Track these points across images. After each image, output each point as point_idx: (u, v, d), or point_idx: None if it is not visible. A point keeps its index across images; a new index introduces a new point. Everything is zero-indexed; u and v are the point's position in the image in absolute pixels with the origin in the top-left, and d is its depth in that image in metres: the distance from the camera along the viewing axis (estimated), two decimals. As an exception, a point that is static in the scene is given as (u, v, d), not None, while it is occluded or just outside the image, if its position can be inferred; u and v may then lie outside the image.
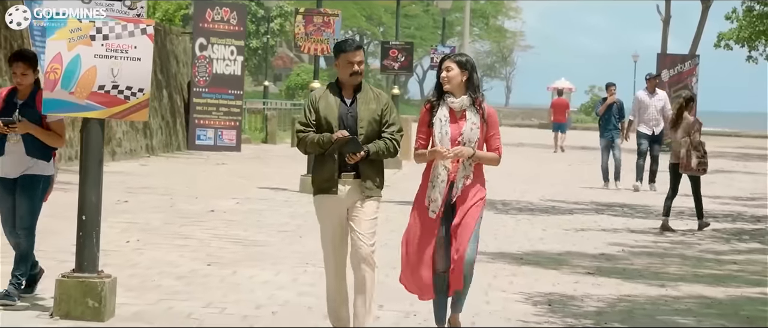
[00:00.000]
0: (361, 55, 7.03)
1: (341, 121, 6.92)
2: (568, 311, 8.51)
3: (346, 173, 6.94)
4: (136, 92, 7.67)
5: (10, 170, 7.82)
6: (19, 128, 7.69)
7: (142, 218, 12.99)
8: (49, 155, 7.92)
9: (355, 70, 6.96)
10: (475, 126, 6.97)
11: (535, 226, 13.87)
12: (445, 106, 7.02)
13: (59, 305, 7.51)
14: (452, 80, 7.02)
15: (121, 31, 7.64)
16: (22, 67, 7.81)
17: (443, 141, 6.96)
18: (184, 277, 9.35)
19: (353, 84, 7.00)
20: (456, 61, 7.05)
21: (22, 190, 7.81)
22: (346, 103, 6.99)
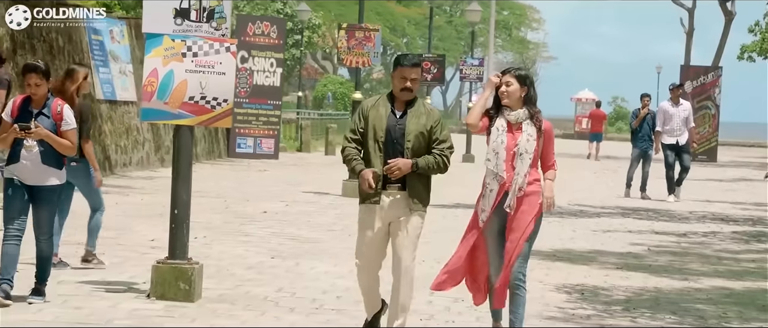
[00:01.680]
0: (418, 72, 7.08)
1: (389, 132, 7.00)
2: (599, 300, 9.52)
3: (391, 185, 7.00)
4: (221, 102, 8.75)
5: (26, 177, 8.04)
6: (35, 134, 7.92)
7: (203, 218, 14.06)
8: (61, 163, 8.16)
9: (407, 86, 7.03)
10: (532, 138, 7.09)
11: (564, 227, 14.88)
12: (503, 117, 7.16)
13: (155, 287, 8.57)
14: (511, 95, 7.16)
15: (208, 49, 8.71)
16: (35, 78, 8.02)
17: (499, 150, 7.11)
18: (253, 267, 10.42)
19: (404, 99, 7.07)
20: (516, 76, 7.18)
21: (42, 202, 8.09)
22: (395, 115, 7.06)
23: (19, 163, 7.99)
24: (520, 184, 7.08)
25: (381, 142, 6.98)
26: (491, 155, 7.15)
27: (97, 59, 19.94)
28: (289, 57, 54.76)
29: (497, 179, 7.10)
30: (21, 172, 8.01)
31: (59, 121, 8.04)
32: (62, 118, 8.07)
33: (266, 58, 27.27)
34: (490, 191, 7.11)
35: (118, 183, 18.42)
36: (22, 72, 8.17)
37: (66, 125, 8.08)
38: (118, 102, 20.84)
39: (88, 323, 7.59)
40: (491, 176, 7.12)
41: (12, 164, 8.02)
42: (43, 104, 8.06)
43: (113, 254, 10.70)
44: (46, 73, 8.07)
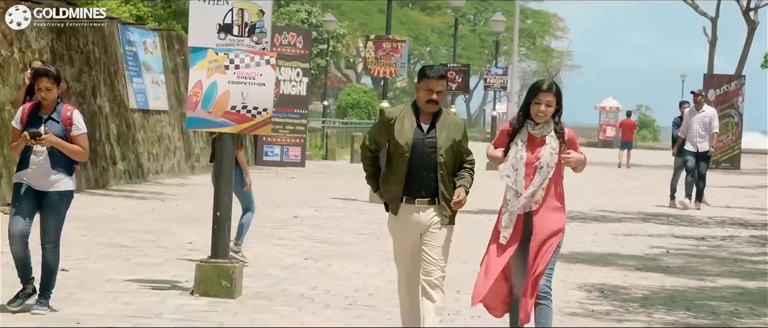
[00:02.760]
0: (444, 85, 6.95)
1: (416, 147, 6.88)
2: (618, 297, 10.01)
3: (420, 199, 6.93)
4: (261, 111, 9.29)
5: (36, 183, 7.92)
6: (45, 141, 7.77)
7: (236, 222, 14.61)
8: (72, 170, 8.03)
9: (433, 98, 6.90)
10: (554, 151, 6.94)
11: (586, 231, 15.35)
12: (526, 131, 7.00)
13: (198, 285, 9.11)
14: (548, 115, 6.98)
15: (250, 62, 9.26)
16: (46, 82, 7.88)
17: (518, 166, 6.94)
18: (287, 268, 10.96)
19: (430, 111, 6.95)
20: (555, 94, 6.99)
21: (50, 207, 7.96)
22: (422, 129, 6.93)
23: (29, 169, 7.88)
24: (538, 198, 6.92)
25: (407, 157, 6.87)
26: (510, 172, 7.00)
27: (131, 70, 20.57)
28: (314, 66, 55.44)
29: (517, 195, 6.95)
30: (30, 177, 7.90)
31: (69, 126, 7.92)
32: (72, 123, 7.95)
33: (293, 68, 27.86)
34: (513, 208, 6.97)
35: (152, 189, 19.02)
36: (33, 77, 8.12)
37: (76, 130, 7.96)
38: (151, 111, 21.47)
39: (139, 316, 8.12)
40: (511, 193, 6.97)
41: (22, 170, 7.92)
42: (53, 109, 7.93)
43: (155, 255, 11.26)
44: (57, 78, 7.95)
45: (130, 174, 19.87)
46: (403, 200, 6.93)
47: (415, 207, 6.92)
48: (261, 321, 8.23)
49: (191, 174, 22.99)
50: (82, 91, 18.08)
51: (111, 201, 16.58)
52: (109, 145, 18.98)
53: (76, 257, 10.73)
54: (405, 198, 6.93)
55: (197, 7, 9.34)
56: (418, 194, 6.91)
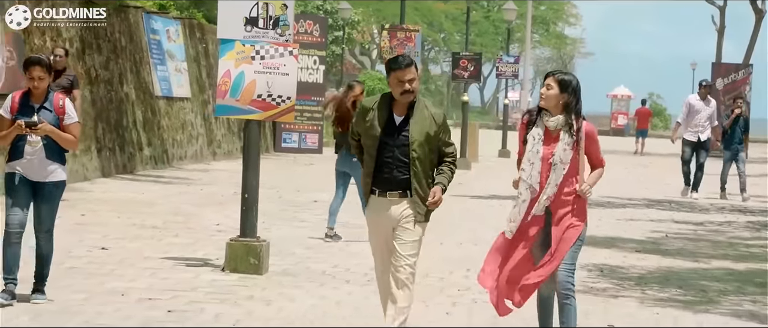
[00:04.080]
0: (413, 72, 6.74)
1: (386, 141, 6.73)
2: (616, 276, 10.77)
3: (391, 192, 6.78)
4: (285, 100, 10.06)
5: (31, 173, 7.82)
6: (41, 131, 7.69)
7: (260, 206, 15.40)
8: (64, 159, 7.97)
9: (407, 88, 6.71)
10: (568, 148, 6.77)
11: (591, 216, 15.92)
12: (541, 124, 6.86)
13: (229, 262, 9.90)
14: (549, 100, 6.82)
15: (274, 53, 10.03)
16: (39, 71, 7.76)
17: (534, 160, 6.79)
18: (310, 247, 11.75)
19: (406, 101, 6.76)
20: (558, 81, 6.84)
21: (45, 197, 7.87)
22: (394, 122, 6.76)
23: (23, 159, 7.78)
24: (550, 194, 6.78)
25: (376, 150, 6.75)
26: (526, 165, 6.85)
27: (155, 58, 21.38)
28: (329, 54, 56.16)
29: (530, 189, 6.81)
30: (25, 168, 7.80)
31: (62, 115, 7.84)
32: (65, 112, 7.87)
33: (309, 56, 28.62)
34: (523, 201, 6.84)
35: (177, 175, 19.86)
36: (24, 66, 7.94)
37: (69, 119, 7.88)
38: (174, 98, 22.28)
39: (176, 289, 8.91)
40: (524, 186, 6.83)
41: (15, 160, 7.82)
42: (45, 98, 7.85)
43: (185, 236, 12.06)
44: (49, 67, 7.85)
45: (156, 160, 20.71)
46: (376, 193, 6.81)
47: (387, 200, 6.78)
48: (287, 295, 9.00)
49: (213, 160, 23.85)
50: (110, 79, 18.89)
51: (139, 185, 17.42)
52: (135, 131, 19.81)
53: (113, 237, 11.54)
54: (378, 191, 6.80)
55: (226, 1, 10.08)
56: (389, 187, 6.76)
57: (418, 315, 8.31)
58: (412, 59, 6.98)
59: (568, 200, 6.83)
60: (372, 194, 6.84)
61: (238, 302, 8.52)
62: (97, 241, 11.17)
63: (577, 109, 6.83)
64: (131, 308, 8.07)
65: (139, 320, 7.65)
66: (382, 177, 6.78)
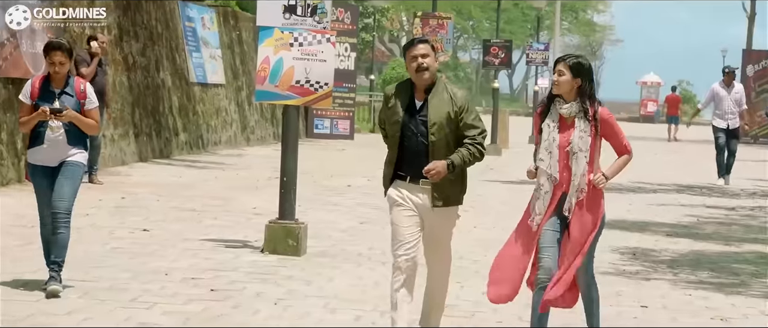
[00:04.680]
0: (426, 48, 6.52)
1: (408, 126, 6.48)
2: (648, 259, 10.93)
3: (424, 181, 6.48)
4: (323, 85, 10.27)
5: (50, 159, 7.73)
6: (65, 117, 7.62)
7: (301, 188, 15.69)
8: (86, 144, 7.87)
9: (421, 63, 6.45)
10: (585, 134, 6.52)
11: (622, 201, 16.25)
12: (555, 111, 6.63)
13: (268, 243, 10.13)
14: (562, 85, 6.58)
15: (312, 40, 10.23)
16: (59, 56, 7.65)
17: (551, 148, 6.56)
18: (345, 230, 11.97)
19: (423, 83, 6.50)
20: (570, 66, 6.57)
21: (66, 174, 7.70)
22: (415, 106, 6.52)
23: (44, 145, 7.69)
24: (579, 185, 6.54)
25: (398, 136, 6.49)
26: (544, 155, 6.60)
27: (191, 45, 21.66)
28: (360, 41, 56.35)
29: (551, 179, 6.57)
30: (46, 155, 7.71)
31: (83, 100, 7.77)
32: (86, 96, 7.80)
33: (341, 43, 28.81)
34: (545, 193, 6.59)
35: (212, 160, 20.16)
36: (45, 50, 7.81)
37: (90, 104, 7.81)
38: (209, 85, 22.57)
39: (218, 269, 9.16)
40: (545, 177, 6.59)
41: (36, 146, 7.72)
42: (65, 83, 7.76)
43: (224, 218, 12.31)
44: (69, 52, 7.76)
45: (191, 145, 21.00)
46: (407, 179, 6.53)
47: (415, 186, 6.51)
48: (326, 275, 9.22)
49: (247, 145, 24.13)
50: (147, 66, 19.18)
51: (176, 170, 17.71)
52: (171, 117, 20.10)
53: (154, 219, 11.81)
54: (409, 177, 6.52)
55: (265, -10, 10.30)
56: (415, 173, 6.47)
57: (453, 296, 8.53)
58: (425, 38, 6.88)
59: (588, 190, 6.56)
60: (400, 179, 6.55)
61: (278, 282, 8.75)
62: (138, 223, 11.43)
63: (591, 93, 6.59)
64: (176, 286, 8.32)
65: (184, 298, 7.89)
66: (407, 164, 6.53)
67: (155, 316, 7.28)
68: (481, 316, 7.81)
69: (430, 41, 6.76)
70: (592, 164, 6.58)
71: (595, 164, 6.60)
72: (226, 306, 7.72)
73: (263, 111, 26.53)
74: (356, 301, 8.20)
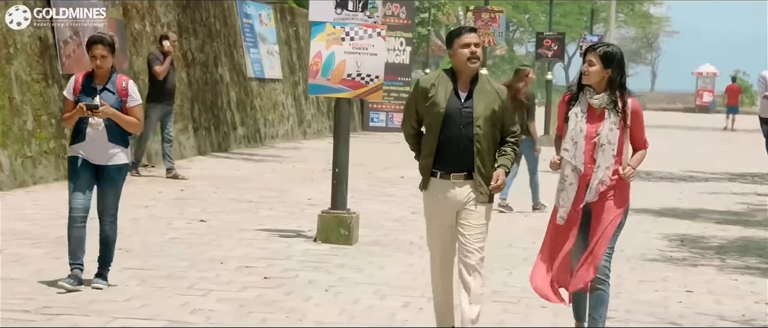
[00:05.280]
0: (477, 37, 6.37)
1: (451, 118, 6.28)
2: (696, 246, 11.06)
3: (456, 174, 6.33)
4: (374, 78, 10.52)
5: (94, 156, 7.66)
6: (102, 113, 7.52)
7: (350, 182, 15.95)
8: (127, 142, 7.79)
9: (474, 52, 6.29)
10: (615, 127, 6.35)
11: (673, 190, 16.35)
12: (584, 101, 6.42)
13: (320, 233, 10.41)
14: (592, 76, 6.38)
15: (363, 34, 10.48)
16: (101, 49, 7.54)
17: (578, 138, 6.36)
18: (397, 220, 12.22)
19: (471, 73, 6.32)
20: (601, 55, 6.36)
21: (110, 181, 7.69)
22: (459, 98, 6.32)
23: (86, 141, 7.62)
24: (602, 177, 6.35)
25: (440, 127, 6.29)
26: (569, 145, 6.40)
27: (248, 41, 22.06)
28: (415, 35, 56.53)
29: (576, 171, 6.38)
30: (87, 151, 7.63)
31: (125, 98, 7.65)
32: (128, 94, 7.67)
33: (396, 38, 29.11)
34: (570, 185, 6.41)
35: (269, 153, 20.53)
36: (87, 45, 7.71)
37: (132, 101, 7.70)
38: (266, 80, 22.96)
39: (272, 258, 9.45)
40: (569, 168, 6.40)
41: (77, 142, 7.67)
42: (108, 79, 7.66)
43: (279, 209, 12.62)
44: (111, 46, 7.63)
45: (249, 138, 21.40)
46: (438, 175, 6.35)
47: (450, 182, 6.33)
48: (377, 264, 9.47)
49: (303, 139, 24.51)
50: (205, 62, 19.58)
51: (234, 163, 18.10)
52: (229, 111, 20.50)
53: (211, 211, 12.15)
54: (440, 173, 6.34)
55: (317, -14, 10.57)
56: (453, 168, 6.31)
57: (500, 283, 8.75)
58: (475, 27, 6.89)
59: (612, 184, 6.38)
60: (433, 176, 6.37)
61: (330, 270, 9.01)
62: (196, 214, 11.78)
63: (621, 84, 6.38)
64: (231, 274, 8.61)
65: (239, 285, 8.18)
66: (445, 157, 6.31)
67: (211, 302, 7.56)
68: (526, 302, 8.00)
69: (477, 30, 6.67)
70: (620, 157, 6.41)
71: (623, 156, 6.43)
72: (279, 293, 7.99)
73: (319, 105, 26.89)
74: (406, 287, 8.43)
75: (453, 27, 71.91)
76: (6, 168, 12.75)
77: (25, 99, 13.13)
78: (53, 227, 7.77)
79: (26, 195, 12.45)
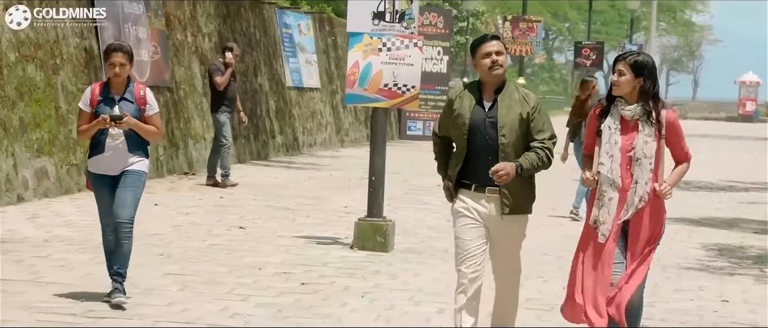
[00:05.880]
0: (499, 45, 6.19)
1: (476, 127, 6.11)
2: (734, 255, 11.06)
3: (491, 188, 6.10)
4: (410, 88, 10.63)
5: (111, 168, 7.43)
6: (125, 124, 7.29)
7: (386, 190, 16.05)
8: (147, 151, 7.57)
9: (495, 60, 6.11)
10: (650, 139, 6.07)
11: (712, 199, 16.32)
12: (616, 112, 6.16)
13: (357, 240, 10.52)
14: (622, 86, 6.12)
15: (400, 45, 10.60)
16: (120, 57, 7.31)
17: (613, 152, 6.10)
18: (433, 228, 12.31)
19: (495, 82, 6.15)
20: (631, 65, 6.11)
21: (127, 183, 7.40)
22: (483, 108, 6.15)
23: (105, 153, 7.39)
24: (641, 194, 6.09)
25: (466, 138, 6.12)
26: (605, 159, 6.15)
27: (287, 50, 22.25)
28: (453, 44, 56.62)
29: (614, 185, 6.11)
30: (106, 164, 7.42)
31: (143, 106, 7.44)
32: (146, 102, 7.45)
33: (434, 47, 29.21)
34: (609, 200, 6.13)
35: (307, 161, 20.70)
36: (105, 53, 7.49)
37: (151, 109, 7.47)
38: (305, 89, 23.14)
39: (308, 264, 9.57)
40: (607, 183, 6.13)
41: (96, 154, 7.43)
42: (124, 89, 7.44)
43: (316, 216, 12.75)
44: (130, 54, 7.42)
45: (287, 147, 21.58)
46: (472, 188, 6.16)
47: (480, 195, 6.13)
48: (412, 270, 9.56)
49: (341, 147, 24.66)
50: (245, 71, 19.78)
51: (272, 170, 18.27)
52: (269, 120, 20.69)
53: (250, 217, 12.30)
54: (474, 186, 6.15)
55: (355, -3, 10.70)
56: (482, 179, 6.10)
57: (535, 290, 8.81)
58: (498, 34, 6.59)
59: (649, 199, 6.12)
60: (466, 188, 6.18)
61: (365, 277, 9.11)
62: (235, 221, 11.93)
63: (654, 93, 6.12)
64: (269, 279, 8.74)
65: (277, 291, 8.31)
66: (473, 169, 6.14)
67: (249, 307, 7.68)
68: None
69: (500, 37, 6.46)
70: (657, 171, 6.14)
71: (660, 170, 6.17)
72: (315, 299, 8.10)
73: (357, 114, 27.03)
74: (441, 294, 8.51)
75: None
76: (52, 176, 12.98)
77: (70, 108, 13.35)
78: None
79: (71, 202, 12.68)
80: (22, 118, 12.53)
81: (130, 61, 7.38)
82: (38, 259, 9.06)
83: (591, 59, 26.85)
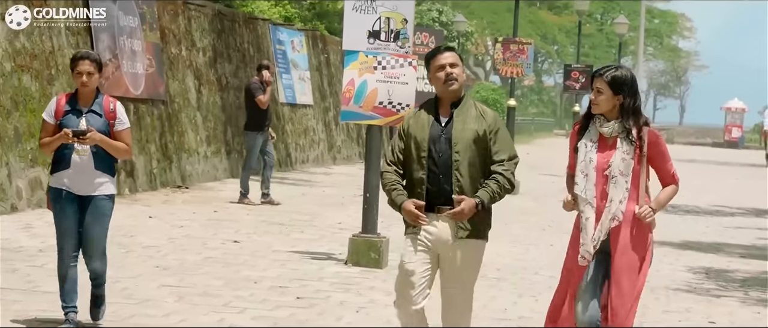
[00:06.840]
0: (454, 57, 5.79)
1: (433, 144, 5.70)
2: (720, 278, 11.23)
3: (443, 207, 5.67)
4: (405, 106, 10.78)
5: (77, 186, 6.89)
6: (89, 140, 6.77)
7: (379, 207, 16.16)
8: (114, 170, 7.05)
9: (449, 73, 5.71)
10: (628, 157, 5.75)
11: (699, 223, 16.50)
12: (595, 129, 5.87)
13: (351, 256, 10.65)
14: (601, 105, 5.82)
15: (395, 64, 10.75)
16: (88, 64, 6.84)
17: (587, 170, 5.81)
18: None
19: (451, 97, 5.76)
20: (608, 82, 5.77)
21: (95, 214, 6.90)
22: (439, 123, 5.76)
23: (69, 169, 6.86)
24: (615, 212, 5.78)
25: (424, 159, 5.71)
26: (580, 178, 5.87)
27: (281, 66, 22.41)
28: (443, 64, 56.59)
29: (590, 205, 5.82)
30: (72, 180, 6.87)
31: (113, 120, 6.92)
32: (116, 116, 6.93)
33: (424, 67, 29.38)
34: (587, 220, 5.84)
35: (301, 177, 20.82)
36: (71, 61, 7.01)
37: (120, 124, 6.95)
38: (298, 105, 23.29)
39: (304, 279, 9.69)
40: (584, 203, 5.85)
41: (60, 170, 6.90)
42: (92, 101, 6.93)
43: (310, 232, 12.87)
44: (98, 63, 6.94)
45: (280, 162, 21.69)
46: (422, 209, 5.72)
47: (432, 215, 5.71)
48: (405, 286, 9.69)
49: (333, 164, 24.81)
50: (239, 86, 19.90)
51: (264, 186, 18.35)
52: (261, 136, 20.81)
53: (245, 232, 12.42)
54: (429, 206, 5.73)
55: (351, 16, 10.84)
56: (437, 201, 5.70)
57: (526, 308, 8.95)
58: (453, 47, 6.20)
59: (633, 222, 5.82)
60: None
61: (360, 292, 9.23)
62: (229, 235, 12.04)
63: (634, 110, 5.80)
64: (264, 293, 8.85)
65: (273, 304, 8.42)
66: (428, 189, 5.72)
67: (246, 320, 7.80)
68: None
69: (455, 49, 6.03)
70: (636, 191, 5.82)
71: (641, 191, 5.83)
72: (311, 313, 8.22)
73: (349, 131, 27.19)
74: (434, 310, 8.61)
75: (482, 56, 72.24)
76: (44, 185, 13.07)
77: (65, 119, 13.44)
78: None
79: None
80: (17, 128, 12.64)
81: (99, 70, 6.91)
82: (33, 268, 9.16)
83: (580, 82, 27.11)
